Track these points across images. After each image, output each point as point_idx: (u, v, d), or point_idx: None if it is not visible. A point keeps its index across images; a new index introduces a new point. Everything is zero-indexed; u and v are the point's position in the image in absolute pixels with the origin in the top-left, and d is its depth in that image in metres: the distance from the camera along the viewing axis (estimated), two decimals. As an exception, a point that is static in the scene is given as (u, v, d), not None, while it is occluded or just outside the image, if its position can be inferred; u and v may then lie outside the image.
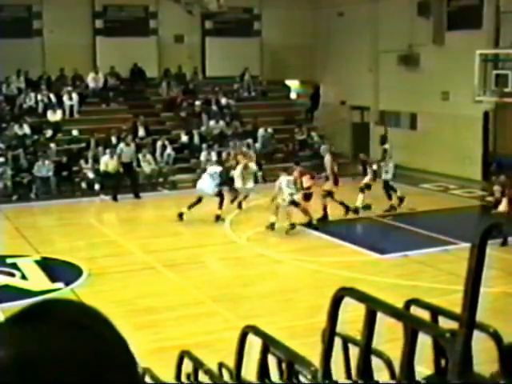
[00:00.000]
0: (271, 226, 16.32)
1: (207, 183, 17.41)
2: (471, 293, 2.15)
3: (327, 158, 18.17)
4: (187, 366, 6.09)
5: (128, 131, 23.12)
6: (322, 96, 29.71)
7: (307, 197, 17.42)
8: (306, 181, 17.45)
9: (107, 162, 21.12)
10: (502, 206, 16.32)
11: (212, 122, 25.07)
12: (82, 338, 0.92)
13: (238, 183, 18.38)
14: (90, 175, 21.65)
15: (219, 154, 23.24)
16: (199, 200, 17.32)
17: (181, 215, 17.60)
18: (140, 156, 22.48)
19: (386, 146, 18.83)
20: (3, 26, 24.73)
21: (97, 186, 21.43)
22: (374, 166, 18.52)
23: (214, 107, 25.83)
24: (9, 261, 14.04)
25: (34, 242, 15.72)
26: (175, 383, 6.00)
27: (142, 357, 6.01)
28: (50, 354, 0.90)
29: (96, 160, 21.87)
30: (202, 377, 5.68)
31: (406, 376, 2.71)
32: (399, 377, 2.80)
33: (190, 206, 17.32)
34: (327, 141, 24.35)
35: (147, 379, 6.08)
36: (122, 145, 21.31)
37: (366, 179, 18.46)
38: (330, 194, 17.51)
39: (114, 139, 22.68)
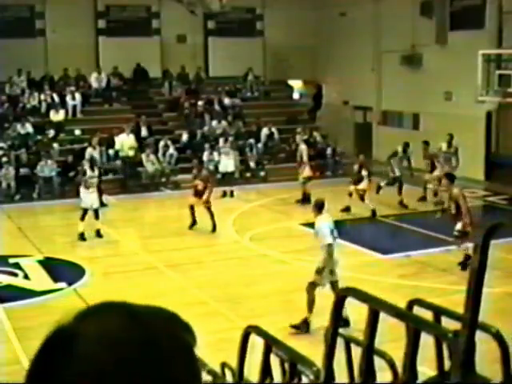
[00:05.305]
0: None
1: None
2: (474, 293, 2.15)
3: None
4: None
5: (127, 131, 23.12)
6: (325, 96, 29.71)
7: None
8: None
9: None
10: None
11: (214, 122, 25.06)
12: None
13: None
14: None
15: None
16: None
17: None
18: (143, 156, 22.48)
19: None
20: (6, 25, 24.76)
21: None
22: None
23: (217, 107, 25.82)
24: (11, 261, 14.04)
25: (37, 241, 15.73)
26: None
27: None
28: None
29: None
30: (204, 377, 5.68)
31: (409, 376, 2.71)
32: (402, 377, 2.80)
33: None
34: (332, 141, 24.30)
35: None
36: (89, 149, 20.77)
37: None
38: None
39: (116, 139, 22.67)
